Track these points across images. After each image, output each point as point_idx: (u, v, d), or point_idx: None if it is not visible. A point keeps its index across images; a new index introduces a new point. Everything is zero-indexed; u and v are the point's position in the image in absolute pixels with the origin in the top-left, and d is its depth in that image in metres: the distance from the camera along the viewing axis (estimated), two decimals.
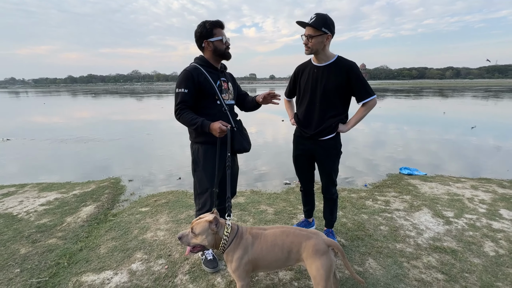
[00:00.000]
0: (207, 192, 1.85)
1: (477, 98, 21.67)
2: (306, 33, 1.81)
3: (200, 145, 1.84)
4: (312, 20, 1.77)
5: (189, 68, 1.77)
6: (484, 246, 2.24)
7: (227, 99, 1.89)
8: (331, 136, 1.96)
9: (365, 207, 3.03)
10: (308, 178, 2.23)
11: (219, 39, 1.79)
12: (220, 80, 1.85)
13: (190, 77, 1.72)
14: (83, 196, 3.46)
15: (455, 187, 3.60)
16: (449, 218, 2.73)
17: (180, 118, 1.74)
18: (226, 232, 1.45)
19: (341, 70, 1.85)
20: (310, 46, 1.82)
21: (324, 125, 1.92)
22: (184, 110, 1.72)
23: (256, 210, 2.97)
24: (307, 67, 2.01)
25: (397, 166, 4.69)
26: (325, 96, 1.89)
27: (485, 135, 7.39)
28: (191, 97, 1.74)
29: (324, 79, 1.88)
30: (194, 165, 1.89)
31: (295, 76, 2.10)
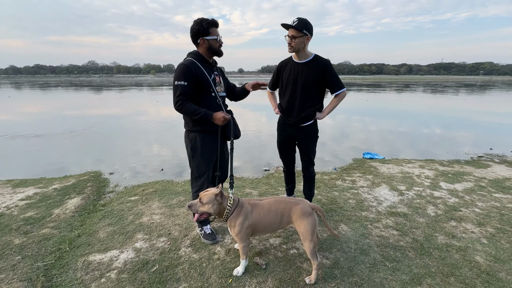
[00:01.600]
0: (205, 175, 2.09)
1: (429, 92, 24.27)
2: (289, 34, 2.11)
3: (198, 133, 2.04)
4: (295, 23, 2.07)
5: (187, 62, 1.93)
6: (427, 209, 2.82)
7: (220, 91, 2.10)
8: (310, 123, 2.32)
9: (336, 186, 3.50)
10: (290, 160, 2.58)
11: (214, 38, 1.98)
12: (213, 74, 2.05)
13: (189, 71, 1.89)
14: (64, 189, 3.42)
15: (407, 167, 4.27)
16: (402, 191, 3.31)
17: (182, 109, 1.91)
18: (229, 203, 1.72)
19: (318, 66, 2.21)
20: (293, 46, 2.13)
21: (304, 113, 2.27)
22: (186, 101, 1.90)
23: (242, 193, 3.26)
24: (288, 63, 2.32)
25: (360, 152, 5.32)
26: (305, 88, 2.23)
27: (434, 125, 8.53)
28: (190, 89, 1.91)
29: (304, 74, 2.22)
30: (192, 151, 2.09)
31: (278, 71, 2.40)
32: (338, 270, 1.89)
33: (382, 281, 1.79)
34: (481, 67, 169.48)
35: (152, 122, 9.00)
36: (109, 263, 1.97)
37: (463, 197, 3.12)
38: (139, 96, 20.92)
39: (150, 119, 9.66)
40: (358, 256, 2.04)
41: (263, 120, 9.50)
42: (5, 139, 6.62)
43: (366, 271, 1.88)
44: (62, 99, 18.15)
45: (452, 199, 3.07)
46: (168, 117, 9.87)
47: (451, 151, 5.49)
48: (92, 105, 14.35)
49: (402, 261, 1.99)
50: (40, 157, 5.23)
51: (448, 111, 11.59)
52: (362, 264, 1.95)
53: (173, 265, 1.93)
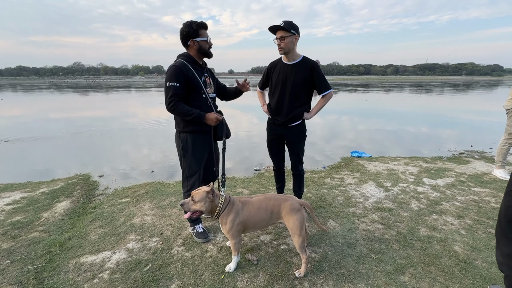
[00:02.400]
0: (196, 174, 2.14)
1: (415, 92, 24.99)
2: (278, 35, 2.19)
3: (189, 134, 2.08)
4: (282, 24, 2.16)
5: (179, 64, 1.98)
6: (410, 204, 2.95)
7: (210, 92, 2.15)
8: (298, 123, 2.40)
9: (325, 184, 3.60)
10: (280, 158, 2.65)
11: (203, 40, 2.03)
12: (204, 75, 2.10)
13: (181, 72, 1.94)
14: (53, 193, 3.37)
15: (393, 164, 4.43)
16: (387, 187, 3.44)
17: (175, 110, 1.95)
18: (221, 201, 1.77)
19: (306, 68, 2.30)
20: (283, 46, 2.22)
21: (293, 113, 2.35)
22: (179, 102, 1.94)
23: (233, 192, 3.31)
24: (278, 64, 2.41)
25: (349, 151, 5.47)
26: (293, 89, 2.32)
27: (419, 123, 8.82)
28: (182, 90, 1.95)
29: (293, 75, 2.30)
30: (183, 151, 2.12)
31: (268, 72, 2.48)
32: (327, 263, 1.97)
33: (367, 272, 1.88)
34: (464, 68, 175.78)
35: (142, 123, 8.91)
36: (101, 264, 1.98)
37: (444, 191, 3.28)
38: (128, 97, 20.59)
39: (139, 121, 9.56)
40: (345, 250, 2.13)
41: (254, 121, 9.58)
42: None
43: (353, 263, 1.97)
44: (49, 102, 17.64)
45: (434, 194, 3.22)
46: (158, 118, 9.79)
47: (434, 148, 5.71)
48: (80, 107, 14.05)
49: (387, 253, 2.09)
50: (26, 161, 5.10)
51: (435, 110, 12.01)
52: (349, 257, 2.04)
53: (166, 264, 1.96)
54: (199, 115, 1.97)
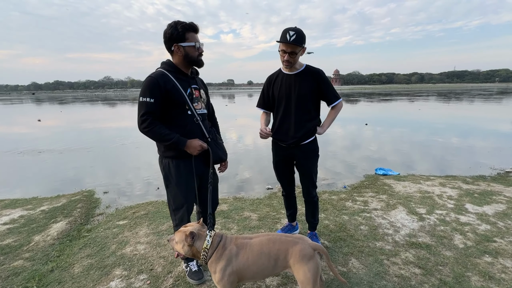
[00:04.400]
0: (183, 207, 1.77)
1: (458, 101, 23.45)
2: (288, 49, 1.85)
3: (171, 159, 1.70)
4: (293, 38, 1.81)
5: (155, 74, 1.60)
6: (454, 239, 2.40)
7: (199, 108, 1.75)
8: (310, 140, 2.04)
9: (346, 208, 3.13)
10: (289, 181, 2.27)
11: (191, 45, 1.64)
12: (190, 87, 1.71)
13: (156, 85, 1.56)
14: (52, 211, 3.21)
15: (426, 185, 3.84)
16: (422, 214, 2.90)
17: (148, 132, 1.57)
18: (205, 246, 1.41)
19: (311, 76, 1.97)
20: (292, 62, 1.89)
21: (303, 130, 2.00)
22: (154, 122, 1.57)
23: (240, 217, 2.94)
24: (278, 76, 2.07)
25: (373, 166, 4.92)
26: (300, 101, 1.98)
27: (449, 135, 7.99)
28: (158, 107, 1.58)
29: (297, 86, 1.97)
30: (166, 181, 1.76)
31: (267, 86, 2.13)
32: None
33: None
34: (497, 74, 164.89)
35: None
36: None
37: (495, 223, 2.68)
38: None
39: None
40: None
41: None
42: (14, 154, 6.61)
43: None
44: (79, 113, 18.61)
45: (482, 225, 2.64)
46: None
47: (474, 165, 4.99)
48: (109, 119, 14.56)
49: None
50: (41, 175, 5.11)
51: (471, 119, 10.95)
52: None
53: None
54: (179, 141, 1.59)
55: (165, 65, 1.69)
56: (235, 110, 17.76)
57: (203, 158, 1.76)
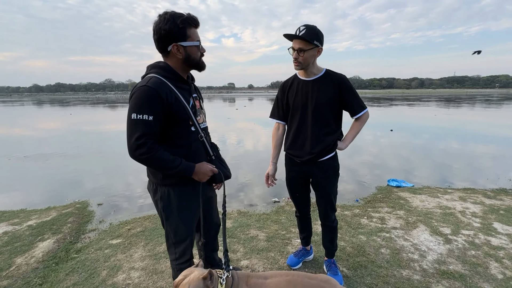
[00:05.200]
0: (187, 240, 1.47)
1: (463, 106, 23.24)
2: (295, 46, 1.59)
3: (172, 187, 1.36)
4: (302, 32, 1.55)
5: (153, 83, 1.21)
6: (490, 267, 2.12)
7: (201, 122, 1.43)
8: (330, 156, 1.78)
9: (361, 226, 2.85)
10: (305, 202, 2.00)
11: (194, 45, 1.29)
12: (192, 97, 1.39)
13: (157, 98, 1.20)
14: (40, 227, 2.94)
15: (445, 199, 3.56)
16: (447, 235, 2.62)
17: (148, 159, 1.20)
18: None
19: (332, 83, 1.70)
20: (301, 61, 1.62)
21: (322, 144, 1.73)
22: (155, 147, 1.21)
23: (246, 236, 2.66)
24: (294, 82, 1.80)
25: (384, 177, 4.64)
26: (318, 111, 1.71)
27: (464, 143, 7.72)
28: (158, 127, 1.23)
29: (315, 93, 1.70)
30: (166, 213, 1.40)
31: (282, 93, 1.85)
32: None
33: None
34: (497, 80, 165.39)
35: None
36: None
37: None
38: None
39: None
40: None
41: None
42: (7, 159, 6.34)
43: None
44: (89, 115, 18.39)
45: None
46: None
47: (492, 177, 4.70)
48: (111, 120, 14.32)
49: None
50: (35, 182, 4.83)
51: (482, 125, 10.69)
52: None
53: None
54: (186, 168, 1.28)
55: (161, 70, 1.29)
56: (250, 113, 17.53)
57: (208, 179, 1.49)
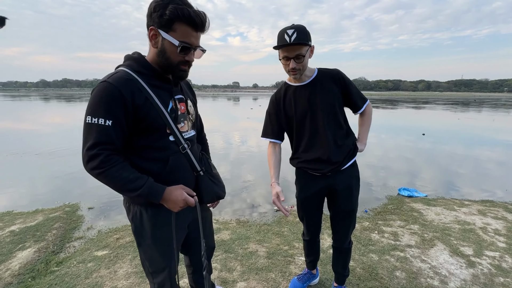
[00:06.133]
0: (165, 271, 1.21)
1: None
2: (291, 54, 1.33)
3: (144, 207, 1.11)
4: (294, 37, 1.29)
5: (116, 80, 0.96)
6: None
7: (186, 130, 1.15)
8: (351, 163, 1.56)
9: (372, 242, 2.58)
10: (317, 224, 1.73)
11: (173, 43, 0.98)
12: (173, 99, 1.10)
13: (119, 99, 0.94)
14: (23, 233, 2.72)
15: (462, 213, 3.27)
16: (469, 257, 2.34)
17: (100, 174, 0.95)
18: None
19: (330, 80, 1.48)
20: (300, 68, 1.38)
21: (344, 150, 1.51)
22: (111, 159, 0.95)
23: (244, 251, 2.41)
24: (287, 92, 1.54)
25: (394, 185, 4.36)
26: (328, 114, 1.48)
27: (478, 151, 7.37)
28: (118, 134, 0.97)
29: (318, 96, 1.46)
30: (137, 237, 1.16)
31: (275, 108, 1.57)
32: None
33: None
34: (505, 84, 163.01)
35: None
36: None
37: None
38: None
39: None
40: None
41: None
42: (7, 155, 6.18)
43: None
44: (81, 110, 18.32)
45: None
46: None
47: (510, 187, 4.39)
48: None
49: None
50: (29, 181, 4.65)
51: (495, 131, 10.30)
52: None
53: None
54: (150, 192, 0.98)
55: (134, 63, 1.04)
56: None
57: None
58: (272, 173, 1.61)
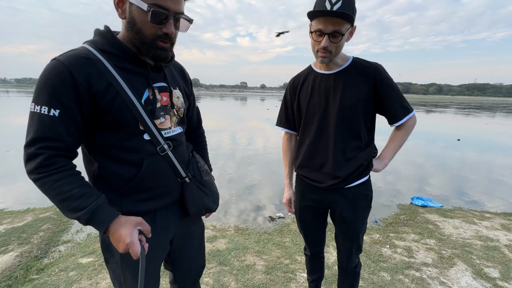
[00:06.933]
0: None
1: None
2: (327, 28, 1.06)
3: None
4: (338, 6, 1.01)
5: (67, 59, 0.75)
6: None
7: (167, 127, 0.93)
8: (362, 181, 1.26)
9: (383, 258, 2.32)
10: (319, 239, 1.49)
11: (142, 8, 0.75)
12: (151, 88, 0.87)
13: (69, 82, 0.73)
14: (8, 235, 2.57)
15: (484, 227, 2.97)
16: (495, 280, 2.06)
17: (36, 181, 0.76)
18: None
19: (364, 76, 1.17)
20: (333, 49, 1.10)
21: (352, 164, 1.22)
22: (55, 165, 0.74)
23: (241, 264, 2.19)
24: (308, 77, 1.29)
25: (406, 192, 4.07)
26: (343, 117, 1.19)
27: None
28: (71, 129, 0.76)
29: (340, 92, 1.18)
30: (104, 252, 0.95)
31: (292, 93, 1.35)
32: None
33: None
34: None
35: None
36: None
37: None
38: None
39: None
40: None
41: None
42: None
43: None
44: None
45: None
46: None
47: None
48: None
49: None
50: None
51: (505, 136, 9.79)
52: None
53: None
54: (92, 218, 0.75)
55: (100, 39, 0.83)
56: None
57: (179, 206, 1.02)
58: (286, 172, 1.43)
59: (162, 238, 0.99)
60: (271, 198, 3.80)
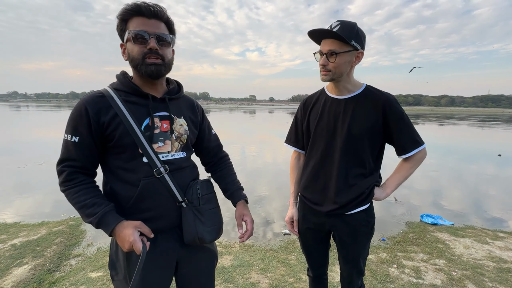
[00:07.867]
0: None
1: None
2: (324, 48, 1.17)
3: None
4: (336, 28, 1.12)
5: (85, 98, 0.96)
6: None
7: (166, 151, 1.02)
8: (363, 208, 1.28)
9: (390, 278, 2.28)
10: (321, 261, 1.51)
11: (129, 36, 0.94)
12: (151, 117, 0.99)
13: (83, 116, 0.92)
14: (23, 247, 2.68)
15: (497, 247, 2.87)
16: None
17: (63, 192, 0.95)
18: None
19: (374, 105, 1.21)
20: (332, 69, 1.17)
21: (353, 191, 1.24)
22: (73, 178, 0.93)
23: (246, 281, 2.20)
24: (319, 99, 1.35)
25: (415, 210, 3.99)
26: (349, 144, 1.23)
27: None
28: (85, 152, 0.95)
29: (349, 118, 1.23)
30: (110, 269, 1.04)
31: (302, 112, 1.40)
32: None
33: None
34: None
35: None
36: None
37: None
38: None
39: None
40: None
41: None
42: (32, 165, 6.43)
43: None
44: None
45: None
46: None
47: None
48: None
49: None
50: (47, 191, 4.74)
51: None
52: None
53: None
54: (101, 222, 0.90)
55: (116, 80, 1.03)
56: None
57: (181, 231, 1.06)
58: (292, 190, 1.46)
59: (165, 259, 1.05)
60: (279, 213, 3.81)
